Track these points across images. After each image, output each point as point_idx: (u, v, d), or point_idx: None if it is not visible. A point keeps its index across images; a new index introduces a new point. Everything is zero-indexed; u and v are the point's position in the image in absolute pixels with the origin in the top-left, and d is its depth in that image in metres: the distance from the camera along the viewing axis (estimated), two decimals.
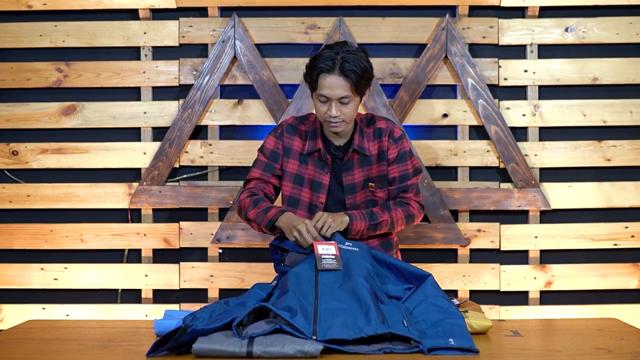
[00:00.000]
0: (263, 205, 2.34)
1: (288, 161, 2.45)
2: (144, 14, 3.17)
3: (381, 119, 2.48)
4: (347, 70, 2.26)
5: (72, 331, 2.16)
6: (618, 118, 3.15)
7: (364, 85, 2.32)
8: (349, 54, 2.28)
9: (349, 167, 2.43)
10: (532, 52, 3.16)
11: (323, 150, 2.41)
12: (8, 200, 3.18)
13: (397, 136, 2.44)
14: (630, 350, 1.89)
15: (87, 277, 3.18)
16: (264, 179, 2.44)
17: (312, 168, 2.44)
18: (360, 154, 2.42)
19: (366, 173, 2.43)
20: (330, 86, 2.27)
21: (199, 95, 3.12)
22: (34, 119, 3.18)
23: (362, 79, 2.29)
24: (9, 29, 3.17)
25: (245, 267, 3.15)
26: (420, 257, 3.17)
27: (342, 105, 2.30)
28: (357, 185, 2.44)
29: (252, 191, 2.41)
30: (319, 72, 2.28)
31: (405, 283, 2.15)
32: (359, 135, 2.42)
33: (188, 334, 1.78)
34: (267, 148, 2.47)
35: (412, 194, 2.47)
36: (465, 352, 1.81)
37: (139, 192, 3.15)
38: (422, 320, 1.96)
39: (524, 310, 3.15)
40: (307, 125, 2.47)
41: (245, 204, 2.38)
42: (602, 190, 3.15)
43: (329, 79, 2.27)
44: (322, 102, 2.31)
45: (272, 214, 2.30)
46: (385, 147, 2.43)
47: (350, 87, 2.28)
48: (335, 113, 2.29)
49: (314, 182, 2.44)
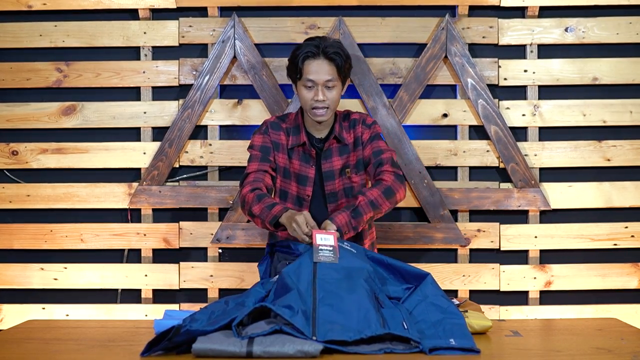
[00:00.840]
0: (267, 201, 2.34)
1: (278, 154, 2.50)
2: (144, 14, 3.17)
3: (355, 113, 2.58)
4: (331, 54, 2.37)
5: (72, 331, 2.16)
6: (618, 118, 3.15)
7: (347, 70, 2.43)
8: (330, 42, 2.41)
9: (328, 155, 2.49)
10: (531, 52, 3.16)
11: (308, 143, 2.47)
12: (8, 200, 3.19)
13: (369, 122, 2.54)
14: (630, 350, 1.89)
15: (87, 277, 3.18)
16: (261, 170, 2.47)
17: (297, 162, 2.49)
18: (340, 143, 2.49)
19: (344, 160, 2.49)
20: (317, 70, 2.38)
21: (199, 95, 3.12)
22: (34, 119, 3.18)
23: (345, 63, 2.41)
24: (9, 29, 3.18)
25: (245, 267, 3.15)
26: (420, 257, 3.17)
27: (327, 90, 2.39)
28: (335, 172, 2.49)
29: (254, 185, 2.42)
30: (304, 58, 2.38)
31: (404, 283, 2.15)
32: (339, 125, 2.50)
33: (181, 334, 1.78)
34: (257, 144, 2.51)
35: (389, 165, 2.44)
36: (467, 352, 1.81)
37: (138, 192, 3.15)
38: (422, 320, 1.96)
39: (523, 310, 3.15)
40: (289, 123, 2.53)
41: (249, 199, 2.38)
42: (602, 190, 3.16)
43: (314, 64, 2.38)
44: (309, 87, 2.40)
45: (276, 211, 2.30)
46: (360, 132, 2.51)
47: (335, 71, 2.39)
48: (321, 97, 2.37)
49: (300, 175, 2.48)
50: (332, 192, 2.49)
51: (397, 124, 3.10)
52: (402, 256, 3.10)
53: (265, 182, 2.44)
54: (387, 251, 3.10)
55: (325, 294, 1.91)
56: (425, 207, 3.12)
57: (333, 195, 2.49)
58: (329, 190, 2.49)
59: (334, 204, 2.50)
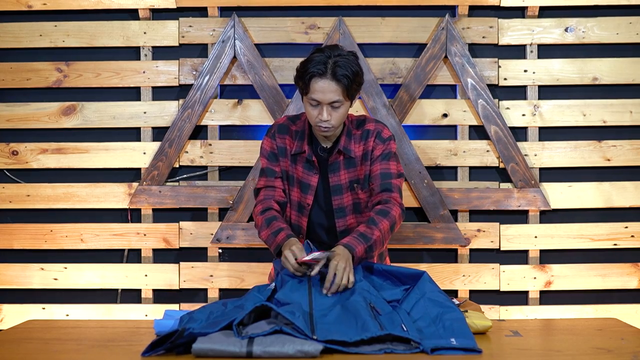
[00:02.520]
0: (274, 227, 2.32)
1: (282, 160, 2.48)
2: (144, 14, 3.17)
3: (372, 121, 2.47)
4: (340, 75, 2.25)
5: (72, 331, 2.16)
6: (618, 118, 3.15)
7: (355, 90, 2.32)
8: (341, 58, 2.28)
9: (335, 169, 2.44)
10: (531, 52, 3.16)
11: (308, 152, 2.42)
12: (8, 200, 3.19)
13: (385, 137, 2.43)
14: (630, 350, 1.89)
15: (87, 277, 3.18)
16: (270, 186, 2.46)
17: (300, 169, 2.46)
18: (345, 156, 2.42)
19: (352, 175, 2.44)
20: (322, 90, 2.27)
21: (199, 95, 3.12)
22: (34, 119, 3.18)
23: (353, 84, 2.29)
24: (9, 29, 3.17)
25: (245, 267, 3.15)
26: (420, 257, 3.17)
27: (332, 110, 2.30)
28: (343, 187, 2.44)
29: (264, 205, 2.41)
30: (311, 77, 2.27)
31: (401, 285, 2.17)
32: (346, 137, 2.42)
33: (185, 337, 1.79)
34: (265, 150, 2.50)
35: (397, 194, 2.37)
36: (469, 352, 1.81)
37: (138, 192, 3.15)
38: (421, 318, 1.97)
39: (523, 310, 3.15)
40: (298, 126, 2.48)
41: (258, 222, 2.38)
42: (602, 190, 3.16)
43: (320, 84, 2.27)
44: (313, 106, 2.31)
45: (279, 239, 2.28)
46: (371, 147, 2.41)
47: (341, 92, 2.28)
48: (326, 117, 2.29)
49: (302, 182, 2.45)
50: (340, 207, 2.45)
51: (397, 124, 3.10)
52: (402, 256, 3.12)
53: (276, 198, 2.43)
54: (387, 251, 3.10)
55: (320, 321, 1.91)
56: (425, 207, 3.12)
57: (341, 210, 2.45)
58: (337, 204, 2.45)
59: (343, 219, 2.46)
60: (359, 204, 2.45)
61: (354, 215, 2.46)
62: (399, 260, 3.08)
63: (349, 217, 2.46)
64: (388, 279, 2.18)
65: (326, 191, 2.46)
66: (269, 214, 2.38)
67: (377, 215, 2.30)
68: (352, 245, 2.18)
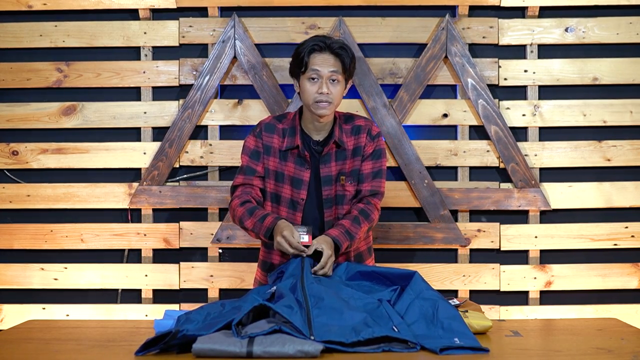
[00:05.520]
0: (259, 214, 2.36)
1: (269, 159, 2.48)
2: (144, 14, 3.17)
3: (360, 118, 2.53)
4: (337, 49, 2.38)
5: (72, 331, 2.16)
6: (618, 118, 3.15)
7: (351, 68, 2.42)
8: (335, 39, 2.43)
9: (327, 160, 2.46)
10: (532, 52, 3.16)
11: (301, 147, 2.44)
12: (8, 200, 3.19)
13: (374, 134, 2.50)
14: (630, 350, 1.89)
15: (87, 277, 3.18)
16: (248, 184, 2.47)
17: (291, 165, 2.46)
18: (339, 147, 2.46)
19: (340, 167, 2.47)
20: (322, 62, 2.37)
21: (199, 95, 3.12)
22: (34, 119, 3.18)
23: (351, 61, 2.40)
24: (9, 29, 3.18)
25: (245, 267, 3.15)
26: (420, 257, 3.17)
27: (331, 85, 2.38)
28: (332, 178, 2.47)
29: (242, 198, 2.43)
30: (310, 51, 2.38)
31: (391, 285, 2.16)
32: (339, 129, 2.47)
33: (178, 338, 1.79)
34: (249, 148, 2.50)
35: (378, 200, 2.48)
36: (477, 351, 1.82)
37: (139, 192, 3.15)
38: (418, 320, 1.96)
39: (524, 310, 3.15)
40: (286, 123, 2.50)
41: (239, 213, 2.40)
42: (602, 190, 3.16)
43: (320, 57, 2.38)
44: (313, 80, 2.38)
45: (268, 222, 2.33)
46: (363, 143, 2.47)
47: (340, 66, 2.38)
48: (325, 90, 2.36)
49: (294, 178, 2.46)
50: (328, 198, 2.47)
51: (397, 124, 3.10)
52: (402, 256, 3.12)
53: (253, 195, 2.45)
54: (387, 251, 3.11)
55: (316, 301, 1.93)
56: (425, 207, 3.12)
57: (329, 201, 2.47)
58: (326, 195, 2.46)
59: (329, 209, 2.47)
60: (344, 196, 2.47)
61: (336, 207, 2.48)
62: (399, 260, 3.09)
63: (333, 208, 2.48)
64: (377, 281, 2.19)
65: (317, 183, 2.47)
66: (249, 205, 2.40)
67: (361, 216, 2.42)
68: (340, 240, 2.32)
